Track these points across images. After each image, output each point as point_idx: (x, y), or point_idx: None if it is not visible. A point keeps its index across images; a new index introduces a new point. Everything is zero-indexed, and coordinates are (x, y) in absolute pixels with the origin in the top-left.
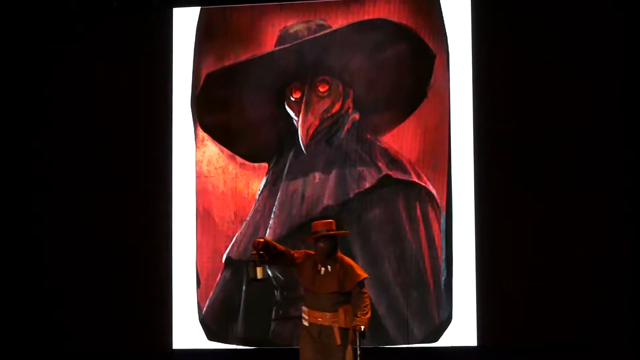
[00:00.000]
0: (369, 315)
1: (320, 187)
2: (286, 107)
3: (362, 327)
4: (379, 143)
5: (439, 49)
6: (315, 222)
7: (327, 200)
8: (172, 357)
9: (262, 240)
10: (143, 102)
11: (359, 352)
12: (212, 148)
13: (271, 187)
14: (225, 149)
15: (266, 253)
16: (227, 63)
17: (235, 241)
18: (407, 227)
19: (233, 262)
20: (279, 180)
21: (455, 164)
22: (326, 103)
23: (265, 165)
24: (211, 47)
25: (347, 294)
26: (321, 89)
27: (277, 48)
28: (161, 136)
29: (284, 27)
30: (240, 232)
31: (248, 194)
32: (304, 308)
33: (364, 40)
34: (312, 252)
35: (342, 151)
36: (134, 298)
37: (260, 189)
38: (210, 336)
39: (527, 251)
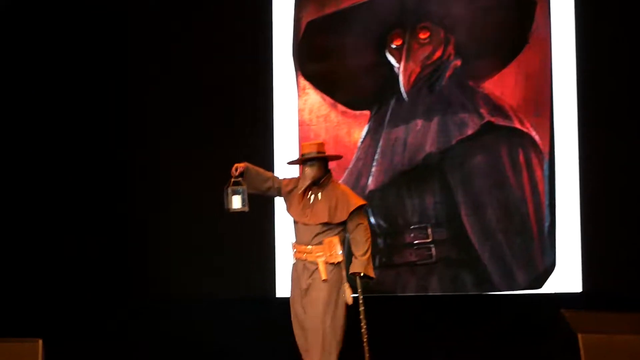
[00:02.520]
0: (369, 254)
1: (422, 134)
2: (387, 54)
3: (361, 273)
4: (480, 90)
5: None
6: (303, 143)
7: (429, 148)
8: (275, 304)
9: (242, 165)
10: (244, 52)
11: (361, 299)
12: (314, 96)
13: (373, 134)
14: (326, 97)
15: (246, 179)
16: (328, 11)
17: None
18: (509, 174)
19: None
20: (381, 128)
21: (557, 110)
22: (427, 50)
23: (366, 113)
24: None
25: (338, 225)
26: (422, 36)
27: None
28: (263, 86)
29: None
30: (343, 180)
31: (350, 141)
32: (293, 242)
33: None
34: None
35: (443, 98)
36: (238, 248)
37: (362, 137)
38: None
39: (631, 196)
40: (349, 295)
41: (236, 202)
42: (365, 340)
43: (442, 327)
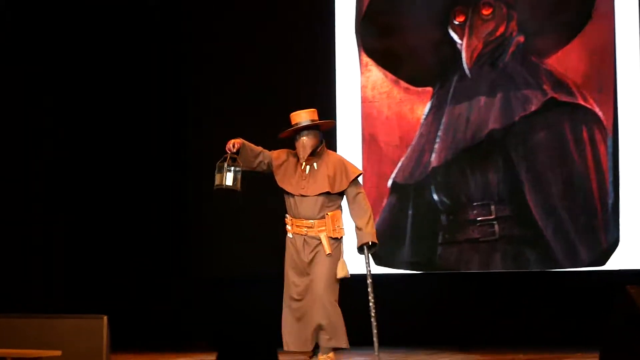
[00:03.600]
0: (372, 222)
1: (485, 110)
2: (449, 31)
3: (370, 242)
4: (543, 66)
5: None
6: (293, 113)
7: (492, 124)
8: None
9: (238, 141)
10: (307, 29)
11: (369, 270)
12: (376, 73)
13: (436, 111)
14: (389, 74)
15: (240, 156)
16: None
17: (400, 166)
18: (573, 150)
19: (399, 187)
20: (444, 104)
21: (621, 86)
22: (490, 26)
23: (429, 89)
24: None
25: (337, 196)
26: (485, 12)
27: None
28: (325, 63)
29: None
30: (406, 157)
31: (412, 118)
32: (287, 217)
33: None
34: (294, 151)
35: (506, 74)
36: None
37: (425, 113)
38: (378, 261)
39: None
40: (345, 269)
41: (229, 180)
42: (373, 314)
43: (504, 304)
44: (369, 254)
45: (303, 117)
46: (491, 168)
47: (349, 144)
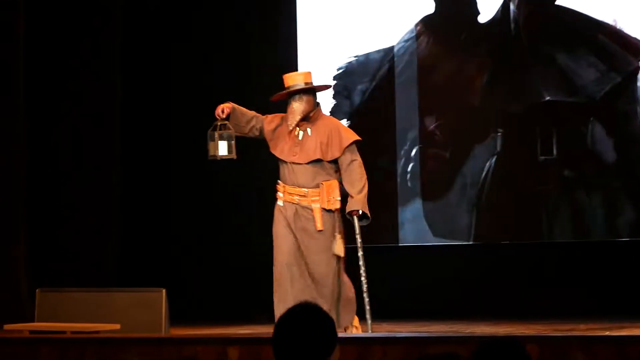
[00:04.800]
0: (365, 191)
1: None
2: None
3: (360, 211)
4: None
5: None
6: (286, 75)
7: None
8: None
9: (228, 105)
10: None
11: (360, 242)
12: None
13: None
14: None
15: (231, 121)
16: None
17: None
18: None
19: None
20: None
21: None
22: None
23: None
24: None
25: (332, 165)
26: None
27: None
28: None
29: None
30: None
31: None
32: (279, 183)
33: None
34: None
35: None
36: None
37: None
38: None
39: None
40: (340, 246)
41: (222, 149)
42: (365, 290)
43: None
44: (360, 226)
45: (296, 79)
46: None
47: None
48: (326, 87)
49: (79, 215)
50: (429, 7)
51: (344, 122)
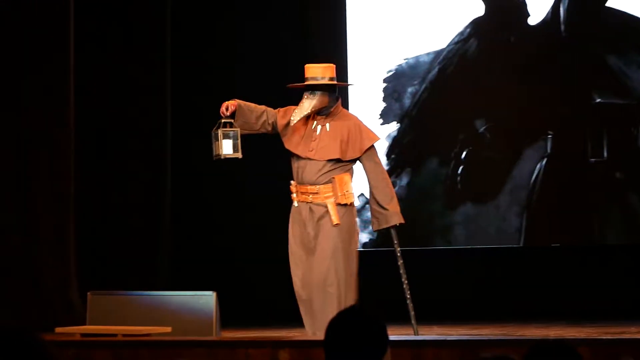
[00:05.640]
0: (396, 199)
1: None
2: None
3: (398, 224)
4: None
5: None
6: (309, 64)
7: None
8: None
9: (233, 103)
10: None
11: (399, 253)
12: None
13: None
14: None
15: (239, 119)
16: None
17: None
18: None
19: None
20: None
21: None
22: None
23: None
24: None
25: (347, 162)
26: None
27: None
28: None
29: None
30: None
31: None
32: (292, 183)
33: None
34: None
35: None
36: None
37: None
38: None
39: None
40: (356, 245)
41: (227, 147)
42: (408, 296)
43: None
44: (395, 236)
45: (316, 72)
46: None
47: None
48: (346, 85)
49: (130, 219)
50: (479, 10)
51: (394, 125)
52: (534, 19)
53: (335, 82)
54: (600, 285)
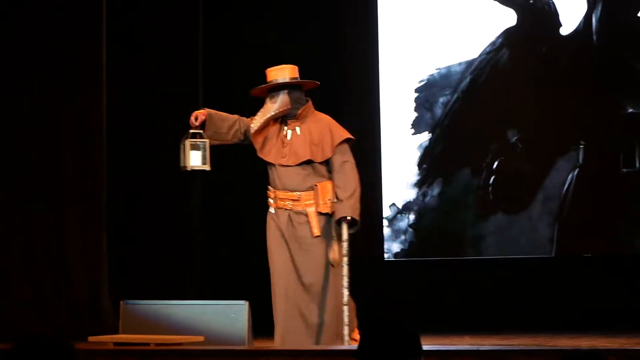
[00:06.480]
0: (357, 195)
1: None
2: None
3: (348, 217)
4: None
5: None
6: (269, 69)
7: None
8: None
9: (202, 112)
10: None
11: (346, 249)
12: None
13: None
14: None
15: (209, 129)
16: None
17: None
18: None
19: None
20: None
21: None
22: None
23: None
24: None
25: (324, 166)
26: None
27: None
28: None
29: None
30: None
31: None
32: (269, 189)
33: None
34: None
35: None
36: None
37: None
38: None
39: None
40: (337, 254)
41: (195, 159)
42: (345, 302)
43: None
44: (349, 233)
45: (278, 74)
46: None
47: None
48: (313, 83)
49: (161, 228)
50: (511, 20)
51: (426, 135)
52: (565, 29)
53: (302, 81)
54: (632, 295)
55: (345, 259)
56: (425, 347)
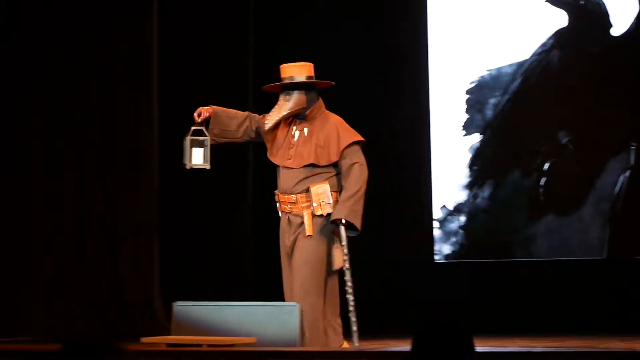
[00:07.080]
0: (357, 197)
1: None
2: None
3: (343, 220)
4: None
5: None
6: (284, 64)
7: None
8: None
9: (207, 109)
10: None
11: (345, 253)
12: None
13: None
14: None
15: (214, 126)
16: None
17: None
18: None
19: None
20: None
21: None
22: None
23: None
24: None
25: (326, 168)
26: None
27: None
28: None
29: None
30: None
31: None
32: (276, 193)
33: None
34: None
35: None
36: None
37: None
38: None
39: None
40: (338, 259)
41: (196, 157)
42: (351, 308)
43: None
44: (347, 236)
45: (292, 72)
46: None
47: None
48: (327, 83)
49: (213, 231)
50: (562, 21)
51: (477, 137)
52: (616, 30)
53: (316, 81)
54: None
55: (347, 264)
56: (480, 349)
